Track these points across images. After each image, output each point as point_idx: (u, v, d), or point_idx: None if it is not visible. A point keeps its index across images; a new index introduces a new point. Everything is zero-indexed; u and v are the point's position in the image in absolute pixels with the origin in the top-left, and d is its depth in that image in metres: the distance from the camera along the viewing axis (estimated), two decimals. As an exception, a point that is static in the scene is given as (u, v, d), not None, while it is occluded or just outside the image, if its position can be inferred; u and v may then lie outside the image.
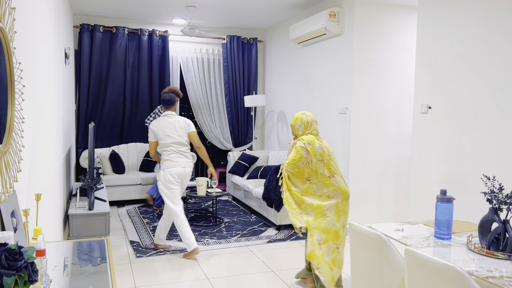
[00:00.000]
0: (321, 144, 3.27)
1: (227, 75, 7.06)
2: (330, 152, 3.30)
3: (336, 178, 3.27)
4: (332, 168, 3.28)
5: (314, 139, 3.27)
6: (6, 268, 1.06)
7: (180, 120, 4.26)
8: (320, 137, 3.39)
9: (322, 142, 3.31)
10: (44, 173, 2.71)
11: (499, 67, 3.03)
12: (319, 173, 3.25)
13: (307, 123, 3.34)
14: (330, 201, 3.24)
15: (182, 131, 4.22)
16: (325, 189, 3.25)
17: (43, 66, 2.78)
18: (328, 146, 3.32)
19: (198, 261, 4.02)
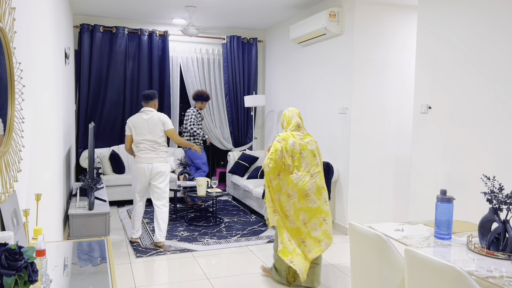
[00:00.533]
0: (296, 142, 3.37)
1: (227, 75, 7.07)
2: (304, 148, 3.38)
3: (297, 174, 3.36)
4: (300, 166, 3.37)
5: (290, 136, 3.40)
6: (6, 268, 1.06)
7: (155, 117, 4.34)
8: (304, 132, 3.47)
9: (303, 138, 3.42)
10: (44, 173, 2.71)
11: (499, 67, 3.03)
12: (287, 169, 3.37)
13: (288, 118, 3.52)
14: (289, 201, 3.39)
15: (156, 128, 4.31)
16: (287, 187, 3.38)
17: (43, 66, 2.78)
18: (308, 142, 3.41)
19: (198, 261, 4.02)
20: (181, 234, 4.81)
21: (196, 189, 5.18)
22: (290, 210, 3.39)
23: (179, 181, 5.61)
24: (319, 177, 3.40)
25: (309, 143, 3.42)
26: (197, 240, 4.59)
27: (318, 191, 3.38)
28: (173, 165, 6.44)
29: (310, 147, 3.41)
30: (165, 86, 6.77)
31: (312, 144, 3.43)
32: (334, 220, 5.15)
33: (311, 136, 3.48)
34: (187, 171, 5.78)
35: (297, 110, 3.55)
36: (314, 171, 3.39)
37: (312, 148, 3.41)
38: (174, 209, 5.78)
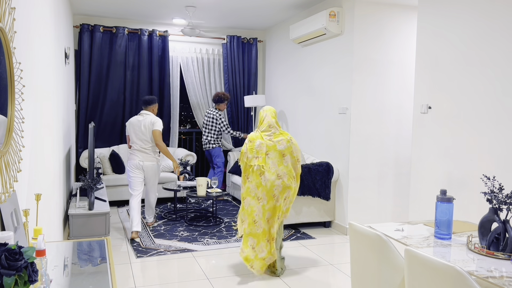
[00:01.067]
0: (263, 143, 3.45)
1: (227, 75, 7.06)
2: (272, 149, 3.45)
3: (265, 176, 3.45)
4: (266, 166, 3.44)
5: (258, 137, 3.49)
6: (6, 268, 1.06)
7: (148, 119, 4.78)
8: (276, 132, 3.53)
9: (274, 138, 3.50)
10: (44, 173, 2.71)
11: (499, 67, 3.03)
12: (254, 171, 3.46)
13: (262, 118, 3.60)
14: (259, 204, 3.49)
15: (147, 130, 4.76)
16: (257, 189, 3.48)
17: (43, 66, 2.78)
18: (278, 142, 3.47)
19: (198, 261, 4.02)
20: (181, 234, 4.81)
21: (196, 189, 5.18)
22: (259, 214, 3.49)
23: (179, 181, 5.61)
24: (287, 177, 3.47)
25: (279, 143, 3.46)
26: (197, 240, 4.59)
27: (283, 190, 3.48)
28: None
29: (279, 147, 3.46)
30: (165, 86, 6.77)
31: (282, 144, 3.47)
32: (334, 220, 5.16)
33: (284, 135, 3.52)
34: (187, 171, 5.78)
35: (273, 110, 3.62)
36: (281, 172, 3.46)
37: (281, 148, 3.46)
38: (174, 209, 5.78)
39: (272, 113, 3.58)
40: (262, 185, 3.43)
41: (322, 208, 5.09)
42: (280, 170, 3.45)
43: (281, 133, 3.53)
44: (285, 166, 3.47)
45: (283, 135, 3.51)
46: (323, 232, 5.03)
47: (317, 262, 4.04)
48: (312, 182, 4.91)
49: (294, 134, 6.26)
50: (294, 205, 4.95)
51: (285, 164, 3.47)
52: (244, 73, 7.18)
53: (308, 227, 5.19)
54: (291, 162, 3.52)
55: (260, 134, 3.50)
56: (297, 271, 3.81)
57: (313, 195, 4.93)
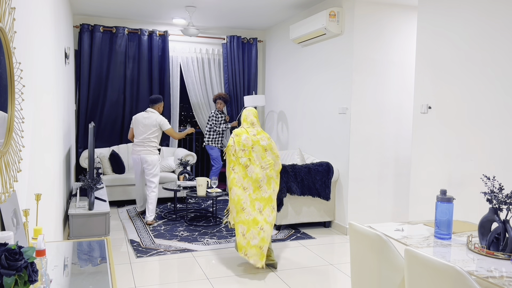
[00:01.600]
0: (249, 137, 3.80)
1: (227, 75, 7.06)
2: (256, 143, 3.79)
3: (250, 168, 3.76)
4: (252, 159, 3.78)
5: (244, 132, 3.85)
6: (6, 268, 1.06)
7: (153, 118, 5.23)
8: (259, 130, 3.89)
9: (257, 134, 3.83)
10: (44, 173, 2.71)
11: (499, 67, 3.03)
12: (241, 164, 3.76)
13: (245, 116, 3.95)
14: (245, 193, 3.74)
15: (150, 127, 5.21)
16: (243, 180, 3.74)
17: (43, 66, 2.78)
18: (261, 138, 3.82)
19: (198, 261, 4.02)
20: (181, 234, 4.81)
21: (196, 189, 5.18)
22: (246, 202, 3.72)
23: (179, 181, 5.61)
24: (270, 169, 3.80)
25: (262, 139, 3.84)
26: (197, 240, 4.59)
27: (268, 182, 3.78)
28: (173, 165, 6.44)
29: (262, 142, 3.82)
30: (165, 86, 6.77)
31: (264, 140, 3.84)
32: (334, 220, 5.16)
33: (265, 133, 3.90)
34: (187, 171, 5.78)
35: (254, 110, 3.98)
36: (265, 164, 3.80)
37: (263, 144, 3.83)
38: (174, 209, 5.78)
39: (254, 113, 3.95)
40: (248, 176, 3.74)
41: (322, 208, 5.09)
42: (264, 163, 3.80)
43: (262, 132, 3.91)
44: (268, 160, 3.82)
45: (263, 133, 3.89)
46: (323, 232, 5.03)
47: (317, 262, 4.04)
48: (312, 182, 4.91)
49: (294, 134, 6.26)
50: (294, 205, 4.96)
51: (268, 158, 3.82)
52: (244, 73, 7.18)
53: (308, 227, 5.19)
54: (272, 157, 3.85)
55: (245, 130, 3.86)
56: (297, 271, 3.81)
57: (313, 195, 4.93)
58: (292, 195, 4.88)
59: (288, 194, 4.88)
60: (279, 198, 4.82)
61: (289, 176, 4.85)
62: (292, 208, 4.96)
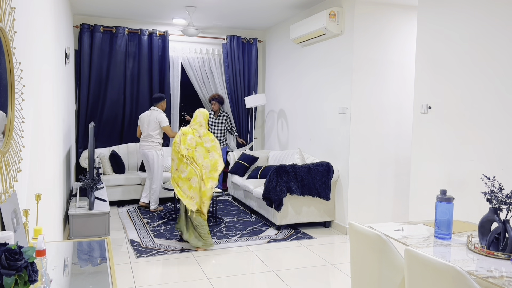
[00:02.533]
0: (193, 138, 4.24)
1: (228, 75, 7.06)
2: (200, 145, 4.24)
3: (194, 165, 4.20)
4: (195, 158, 4.23)
5: (190, 132, 4.28)
6: (6, 268, 1.06)
7: (154, 115, 5.64)
8: (205, 132, 4.32)
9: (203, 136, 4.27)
10: (44, 173, 2.71)
11: (500, 66, 3.03)
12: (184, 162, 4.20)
13: (195, 117, 4.37)
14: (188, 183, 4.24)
15: (151, 124, 5.62)
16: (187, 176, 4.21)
17: (43, 66, 2.78)
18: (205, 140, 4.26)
19: (198, 261, 4.02)
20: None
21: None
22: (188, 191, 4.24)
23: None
24: (210, 169, 4.27)
25: (206, 141, 4.29)
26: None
27: (206, 179, 4.26)
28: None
29: (206, 144, 4.28)
30: (165, 86, 6.77)
31: (208, 142, 4.29)
32: (334, 220, 5.16)
33: (210, 136, 4.32)
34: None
35: (206, 113, 4.37)
36: (206, 164, 4.27)
37: (207, 146, 4.28)
38: (174, 209, 5.78)
39: (205, 116, 4.36)
40: (194, 173, 4.20)
41: (322, 208, 5.09)
42: (205, 163, 4.27)
43: (208, 134, 4.32)
44: (210, 160, 4.28)
45: (209, 136, 4.32)
46: (323, 232, 5.03)
47: (317, 262, 4.05)
48: (312, 182, 4.91)
49: (294, 134, 6.26)
50: (294, 205, 4.96)
51: (210, 158, 4.28)
52: (244, 73, 7.18)
53: (308, 227, 5.19)
54: (217, 157, 4.30)
55: (192, 130, 4.29)
56: (297, 271, 3.81)
57: (313, 195, 4.93)
58: (292, 195, 4.88)
59: (288, 194, 4.88)
60: (279, 198, 4.82)
61: (289, 176, 4.85)
62: (292, 208, 4.96)
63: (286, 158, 6.03)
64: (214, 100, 6.75)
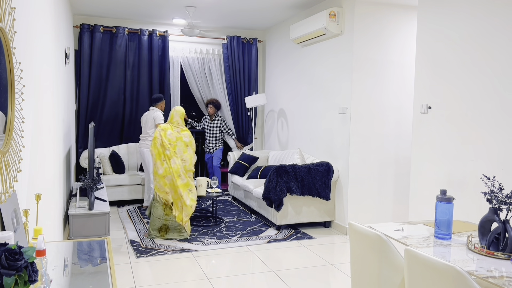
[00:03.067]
0: (173, 133, 4.51)
1: (229, 75, 7.06)
2: (179, 139, 4.51)
3: (173, 159, 4.47)
4: (175, 152, 4.49)
5: (169, 127, 4.55)
6: (6, 268, 1.06)
7: (150, 114, 5.85)
8: (183, 128, 4.59)
9: (181, 132, 4.54)
10: (44, 173, 2.71)
11: (500, 66, 3.03)
12: (167, 156, 4.45)
13: (172, 115, 4.63)
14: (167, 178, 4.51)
15: (148, 123, 5.83)
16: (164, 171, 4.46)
17: (43, 66, 2.78)
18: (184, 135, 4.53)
19: (198, 261, 4.02)
20: (181, 234, 4.81)
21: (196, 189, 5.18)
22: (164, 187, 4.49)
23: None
24: (189, 162, 4.54)
25: (184, 136, 4.56)
26: (197, 240, 4.59)
27: (186, 172, 4.53)
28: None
29: (185, 139, 4.55)
30: (165, 86, 6.77)
31: (186, 137, 4.56)
32: (334, 220, 5.16)
33: (187, 131, 4.60)
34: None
35: (182, 111, 4.65)
36: (185, 157, 4.53)
37: (186, 140, 4.55)
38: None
39: (180, 114, 4.63)
40: (172, 167, 4.43)
41: (322, 208, 5.09)
42: (185, 156, 4.54)
43: (186, 130, 4.59)
44: (189, 154, 4.56)
45: (187, 131, 4.59)
46: (323, 232, 5.03)
47: (317, 262, 4.05)
48: (312, 182, 4.91)
49: (294, 134, 6.26)
50: (294, 205, 4.96)
51: (188, 152, 4.56)
52: (244, 73, 7.18)
53: (308, 227, 5.19)
54: (192, 153, 4.56)
55: (170, 126, 4.56)
56: (297, 271, 3.81)
57: (313, 195, 4.93)
58: (292, 195, 4.88)
59: (288, 194, 4.88)
60: (279, 198, 4.82)
61: (289, 176, 4.85)
62: (292, 208, 4.96)
63: (286, 158, 6.03)
64: (211, 104, 6.82)
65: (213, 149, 6.84)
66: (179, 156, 4.48)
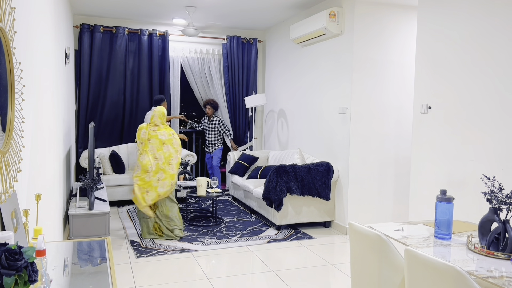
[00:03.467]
0: (146, 132, 4.58)
1: (227, 75, 7.06)
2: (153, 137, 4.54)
3: (143, 155, 4.53)
4: (147, 149, 4.53)
5: (145, 127, 4.61)
6: (6, 268, 1.06)
7: (149, 114, 6.05)
8: (161, 127, 4.60)
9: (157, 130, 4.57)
10: (44, 173, 2.71)
11: (500, 66, 3.03)
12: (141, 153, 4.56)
13: (153, 116, 4.67)
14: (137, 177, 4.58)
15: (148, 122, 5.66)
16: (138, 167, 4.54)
17: (43, 66, 2.78)
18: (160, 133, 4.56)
19: (198, 261, 4.02)
20: (181, 234, 4.81)
21: (196, 189, 5.18)
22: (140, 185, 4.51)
23: (179, 181, 5.61)
24: (163, 161, 4.50)
25: (161, 134, 4.56)
26: (197, 240, 4.59)
27: (156, 171, 4.48)
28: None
29: (160, 137, 4.55)
30: (165, 86, 6.77)
31: (163, 135, 4.56)
32: (334, 220, 5.16)
33: (167, 130, 4.61)
34: (187, 171, 5.78)
35: (161, 112, 4.63)
36: (158, 155, 4.51)
37: (162, 138, 4.54)
38: (174, 209, 5.79)
39: (159, 114, 4.64)
40: (142, 163, 4.51)
41: (322, 208, 5.09)
42: (159, 154, 4.50)
43: (165, 128, 4.61)
44: (164, 152, 4.51)
45: (166, 130, 4.60)
46: (323, 232, 5.04)
47: (317, 262, 4.05)
48: (312, 182, 4.91)
49: (294, 134, 6.26)
50: (294, 205, 4.96)
51: (164, 150, 4.51)
52: (244, 73, 7.18)
53: (308, 227, 5.19)
54: (172, 151, 4.54)
55: (147, 126, 4.63)
56: (297, 271, 3.81)
57: (313, 195, 4.93)
58: (292, 195, 4.88)
59: (288, 194, 4.88)
60: (279, 198, 4.82)
61: (289, 176, 4.85)
62: (292, 208, 4.96)
63: (286, 158, 6.03)
64: (208, 105, 6.89)
65: (213, 149, 6.87)
66: (150, 154, 4.51)
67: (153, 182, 4.48)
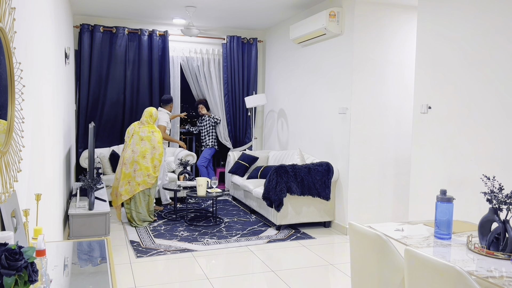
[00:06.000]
0: (131, 128, 5.12)
1: (226, 75, 7.06)
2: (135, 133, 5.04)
3: (125, 149, 5.08)
4: (129, 143, 5.06)
5: (134, 124, 5.16)
6: (6, 268, 1.06)
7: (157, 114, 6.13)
8: (145, 124, 5.10)
9: (142, 127, 5.07)
10: (44, 173, 2.71)
11: (500, 66, 3.03)
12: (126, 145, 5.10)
13: (143, 115, 5.14)
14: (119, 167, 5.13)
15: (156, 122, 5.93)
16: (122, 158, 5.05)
17: (43, 66, 2.78)
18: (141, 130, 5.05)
19: (198, 261, 4.02)
20: (181, 234, 4.81)
21: (196, 189, 5.18)
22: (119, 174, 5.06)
23: (179, 181, 5.61)
24: (139, 154, 4.96)
25: (142, 131, 5.04)
26: (197, 240, 4.59)
27: (132, 163, 4.98)
28: (173, 165, 6.44)
29: (141, 133, 5.03)
30: (165, 86, 6.77)
31: (143, 132, 5.03)
32: (334, 220, 5.16)
33: (149, 128, 5.07)
34: (187, 171, 5.78)
35: (149, 111, 5.12)
36: (136, 149, 4.99)
37: (142, 135, 5.02)
38: (174, 209, 5.79)
39: (147, 113, 5.11)
40: (123, 155, 5.04)
41: (322, 208, 5.09)
42: (136, 148, 4.99)
43: (148, 126, 5.07)
44: (141, 147, 4.99)
45: (148, 128, 5.06)
46: (323, 232, 5.04)
47: (317, 262, 4.05)
48: (312, 182, 4.91)
49: (294, 134, 6.26)
50: (294, 205, 4.96)
51: (141, 145, 4.99)
52: (243, 73, 7.18)
53: (308, 227, 5.19)
54: (148, 147, 4.98)
55: (137, 123, 5.14)
56: (297, 271, 3.81)
57: (313, 195, 4.93)
58: (292, 195, 4.88)
59: (288, 194, 4.88)
60: (279, 198, 4.82)
61: (289, 176, 4.85)
62: (292, 208, 4.96)
63: (286, 158, 6.03)
64: (201, 104, 6.95)
65: (204, 148, 6.95)
66: (131, 148, 5.01)
67: (132, 173, 4.97)
